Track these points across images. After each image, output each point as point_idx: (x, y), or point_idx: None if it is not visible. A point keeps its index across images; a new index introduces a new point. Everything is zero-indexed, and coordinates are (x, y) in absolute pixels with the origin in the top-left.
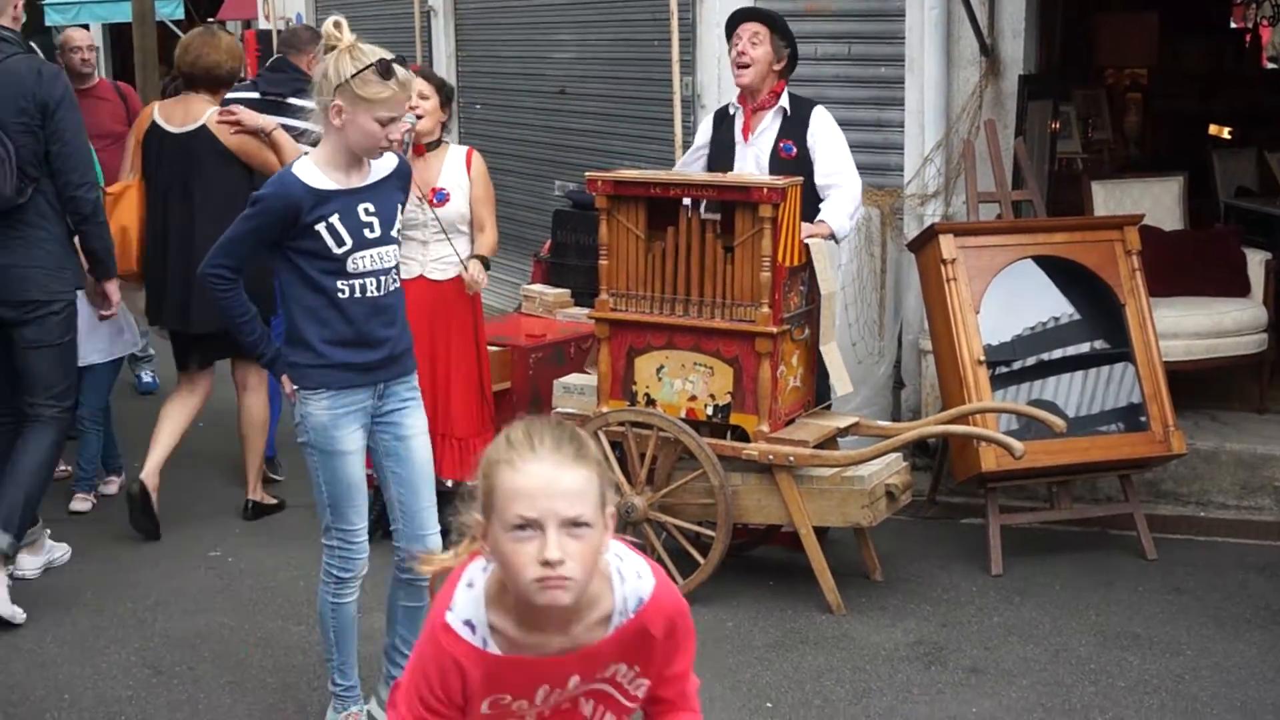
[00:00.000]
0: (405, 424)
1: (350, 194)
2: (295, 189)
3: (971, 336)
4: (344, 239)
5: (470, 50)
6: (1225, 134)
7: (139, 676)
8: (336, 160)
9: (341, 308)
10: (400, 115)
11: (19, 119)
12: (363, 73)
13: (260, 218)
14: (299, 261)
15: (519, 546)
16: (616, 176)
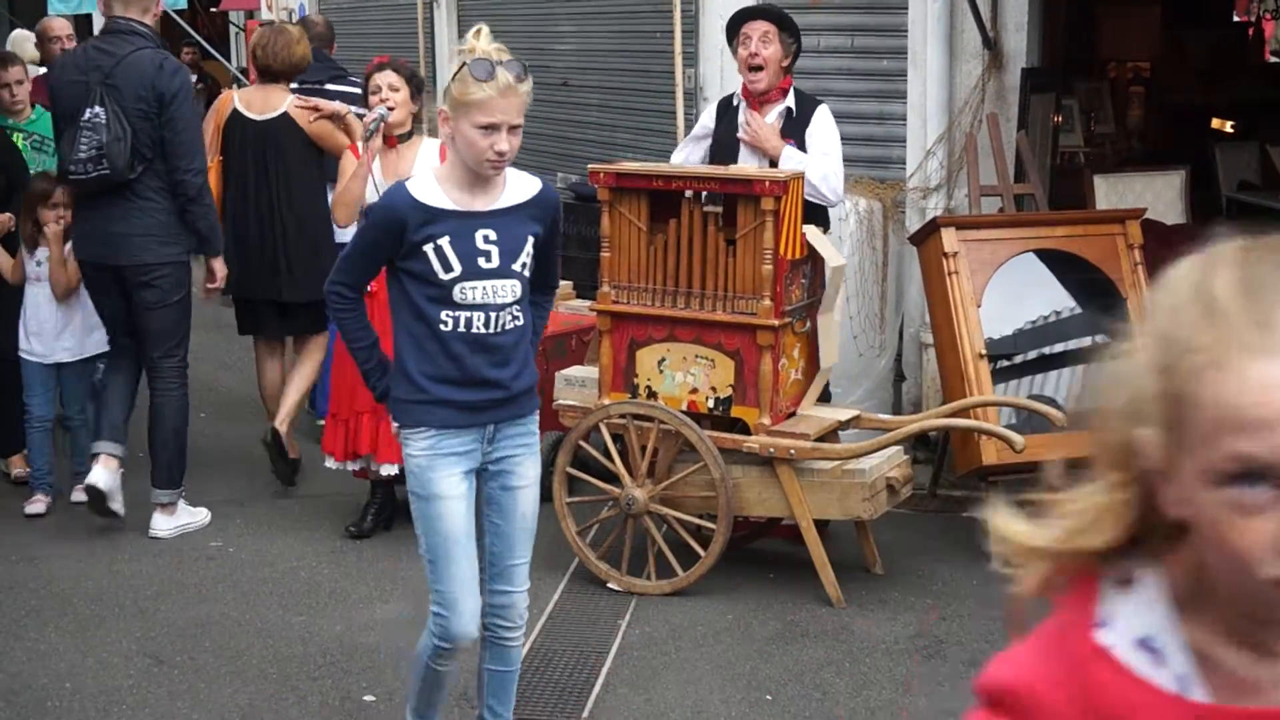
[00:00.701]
0: (515, 473)
1: (468, 216)
2: (401, 203)
3: (973, 330)
4: (452, 264)
5: None
6: (1228, 127)
7: (140, 666)
8: (456, 176)
9: (443, 341)
10: (508, 124)
11: (138, 105)
12: (460, 72)
13: (369, 232)
14: (406, 284)
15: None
16: (619, 169)
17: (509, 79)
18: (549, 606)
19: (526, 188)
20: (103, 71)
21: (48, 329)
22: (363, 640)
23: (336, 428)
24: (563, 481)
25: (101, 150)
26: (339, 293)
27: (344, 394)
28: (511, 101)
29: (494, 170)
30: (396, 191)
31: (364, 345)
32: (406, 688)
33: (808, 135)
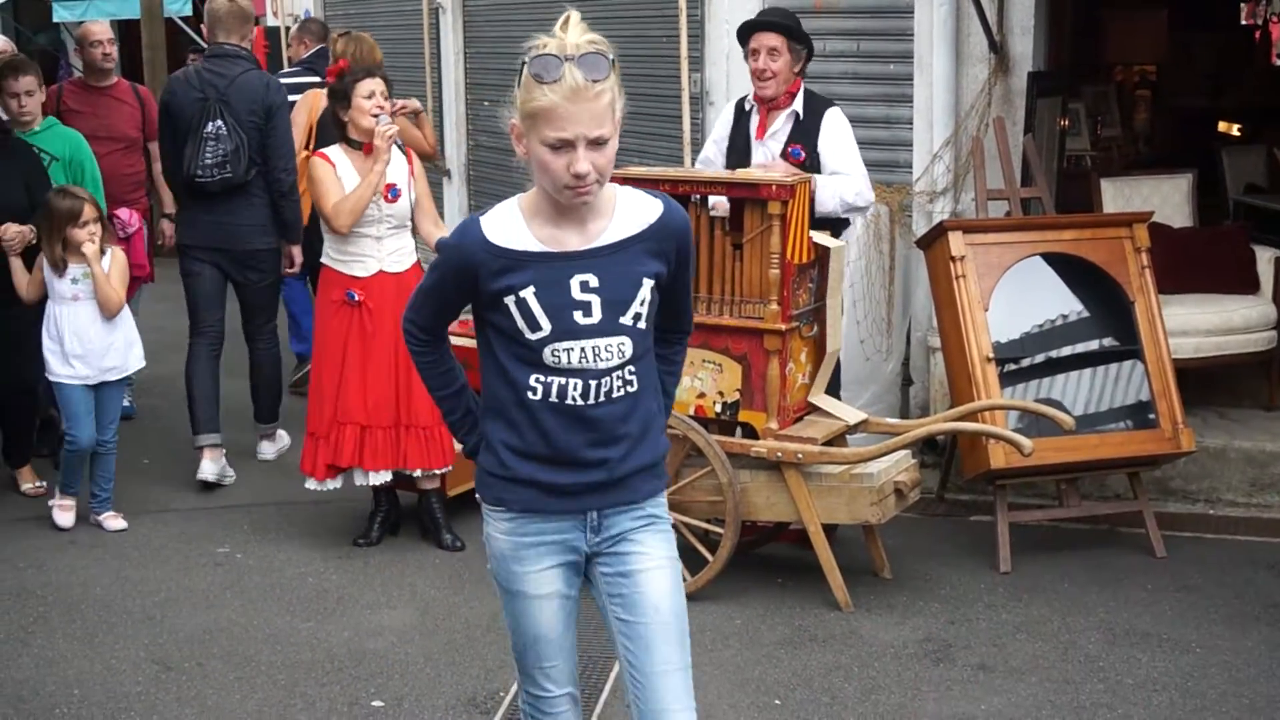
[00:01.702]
0: (634, 554)
1: (558, 260)
2: (472, 243)
3: (980, 334)
4: (539, 322)
5: (479, 47)
6: (1235, 131)
7: (148, 672)
8: (544, 208)
9: (531, 411)
10: (585, 137)
11: (250, 118)
12: (523, 76)
13: (437, 271)
14: (492, 337)
15: None
16: (625, 173)
17: (579, 79)
18: None
19: (641, 213)
20: (218, 90)
21: (94, 349)
22: (370, 646)
23: (316, 447)
24: None
25: (226, 158)
26: (410, 331)
27: (318, 408)
28: (587, 108)
29: (578, 198)
30: (468, 228)
31: (445, 394)
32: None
33: (820, 144)
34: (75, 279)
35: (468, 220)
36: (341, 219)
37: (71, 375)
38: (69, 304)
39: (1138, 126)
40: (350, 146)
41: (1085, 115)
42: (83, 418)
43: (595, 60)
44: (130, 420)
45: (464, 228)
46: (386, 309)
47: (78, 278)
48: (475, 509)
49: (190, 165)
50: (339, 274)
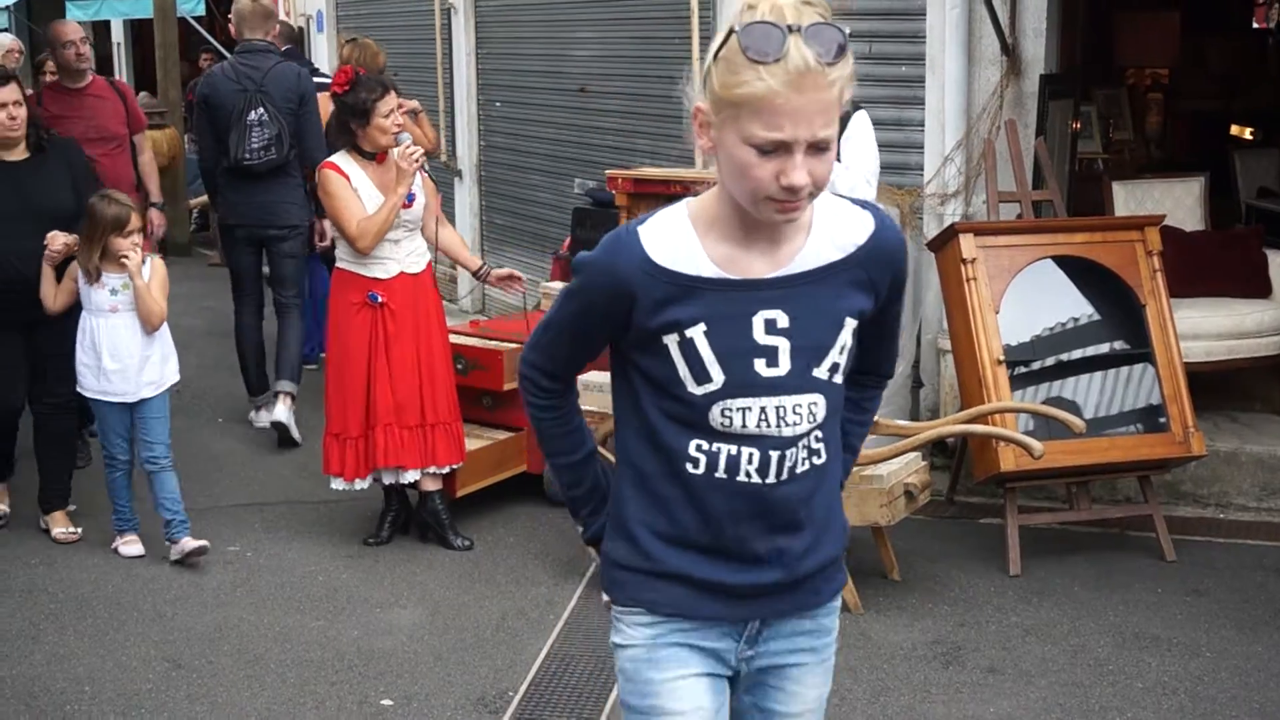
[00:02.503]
0: (786, 690)
1: (740, 290)
2: (629, 262)
3: (991, 336)
4: (709, 371)
5: (490, 48)
6: (1247, 134)
7: (159, 670)
8: (724, 220)
9: (691, 488)
10: (807, 140)
11: (287, 104)
12: (725, 46)
13: (576, 298)
14: (639, 387)
15: None
16: (637, 174)
17: (808, 60)
18: (566, 612)
19: (846, 230)
20: (255, 81)
21: (132, 364)
22: (380, 645)
23: (341, 448)
24: None
25: (270, 142)
26: (530, 376)
27: (345, 410)
28: (815, 100)
29: (783, 215)
30: (622, 242)
31: (570, 461)
32: None
33: (843, 141)
34: (114, 290)
35: (621, 232)
36: (367, 240)
37: (108, 392)
38: (106, 316)
39: (1150, 130)
40: (361, 156)
41: (1097, 118)
42: (119, 433)
43: (828, 34)
44: None
45: (617, 242)
46: (407, 309)
47: (116, 289)
48: (480, 508)
49: (237, 150)
50: (359, 276)
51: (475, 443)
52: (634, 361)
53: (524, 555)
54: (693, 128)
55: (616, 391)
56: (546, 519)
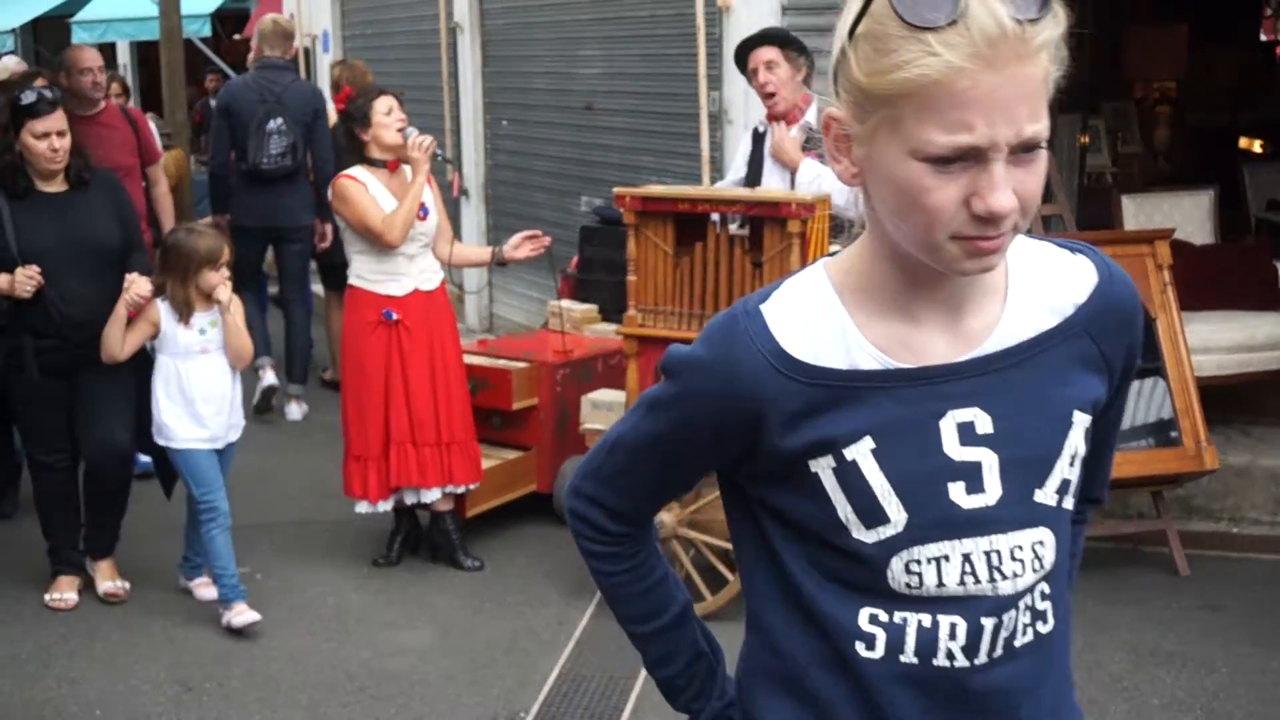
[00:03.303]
0: None
1: (918, 384)
2: (750, 359)
3: None
4: (882, 507)
5: (497, 67)
6: (1256, 147)
7: (169, 693)
8: (882, 282)
9: (864, 682)
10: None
11: (303, 118)
12: (866, 18)
13: (668, 415)
14: (774, 536)
15: None
16: (644, 192)
17: (1000, 17)
18: (577, 632)
19: (1062, 287)
20: (275, 95)
21: (225, 406)
22: (391, 666)
23: (363, 470)
24: None
25: (286, 150)
26: (585, 515)
27: (365, 431)
28: (1014, 76)
29: (979, 262)
30: (740, 329)
31: (655, 627)
32: None
33: None
34: (203, 329)
35: (738, 314)
36: (395, 232)
37: (203, 439)
38: (195, 358)
39: (1158, 143)
40: (372, 166)
41: (1105, 132)
42: (216, 483)
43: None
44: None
45: (732, 328)
46: (421, 327)
47: (205, 328)
48: (490, 528)
49: (255, 156)
50: (373, 294)
51: (484, 462)
52: (763, 500)
53: (534, 575)
54: (826, 143)
55: (737, 536)
56: (556, 538)
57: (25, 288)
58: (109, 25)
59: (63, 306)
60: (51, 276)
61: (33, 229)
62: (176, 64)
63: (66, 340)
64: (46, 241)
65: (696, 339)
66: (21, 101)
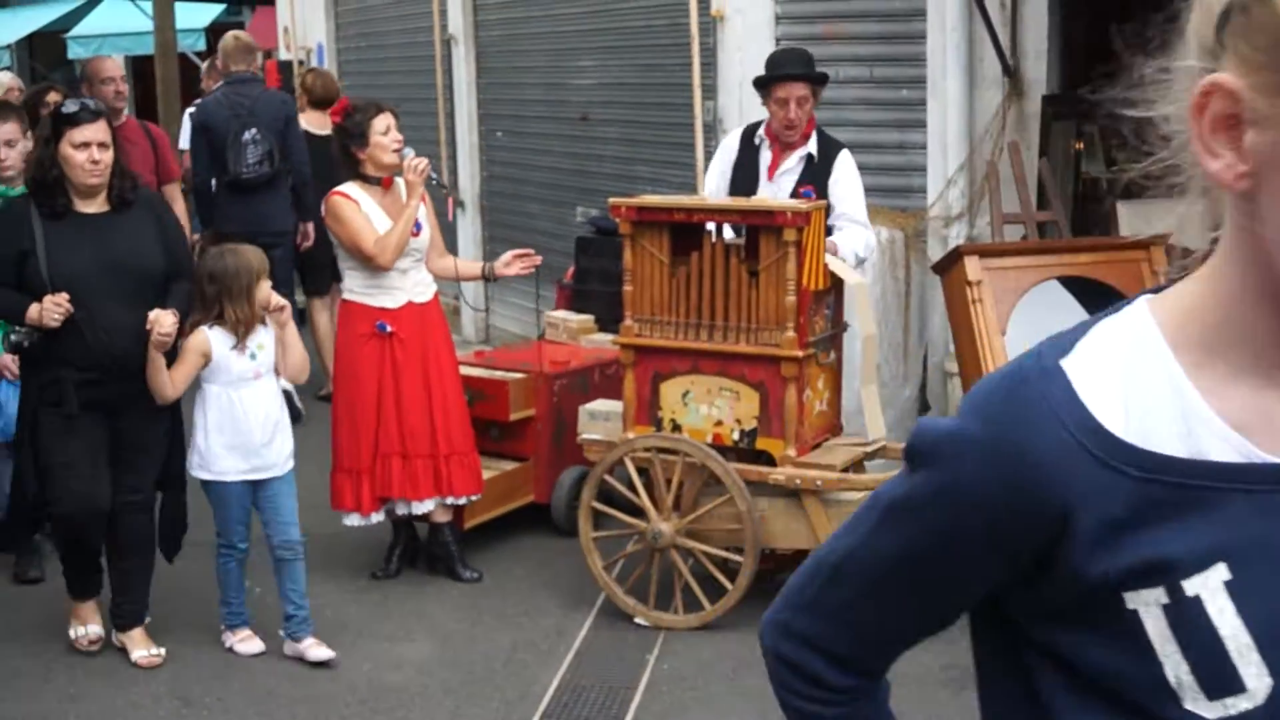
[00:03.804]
0: None
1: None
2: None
3: (998, 358)
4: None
5: (491, 78)
6: None
7: (169, 707)
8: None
9: None
10: None
11: (275, 125)
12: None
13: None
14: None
15: None
16: (640, 202)
17: None
18: (576, 642)
19: None
20: (246, 107)
21: (278, 432)
22: (390, 679)
23: (355, 483)
24: (588, 516)
25: (263, 158)
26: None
27: (357, 443)
28: None
29: None
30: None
31: None
32: None
33: (831, 184)
34: (253, 354)
35: (1028, 370)
36: (388, 255)
37: (244, 470)
38: (249, 385)
39: None
40: (366, 183)
41: (1100, 138)
42: (244, 522)
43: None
44: None
45: (1017, 390)
46: (415, 339)
47: (255, 352)
48: (488, 539)
49: (235, 166)
50: (366, 307)
51: (483, 473)
52: (1045, 644)
53: (533, 586)
54: (1192, 134)
55: (990, 695)
56: (555, 549)
57: (53, 316)
58: (104, 40)
59: (102, 336)
60: (89, 304)
61: (68, 252)
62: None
63: (108, 373)
64: (82, 265)
65: (962, 406)
66: (64, 110)
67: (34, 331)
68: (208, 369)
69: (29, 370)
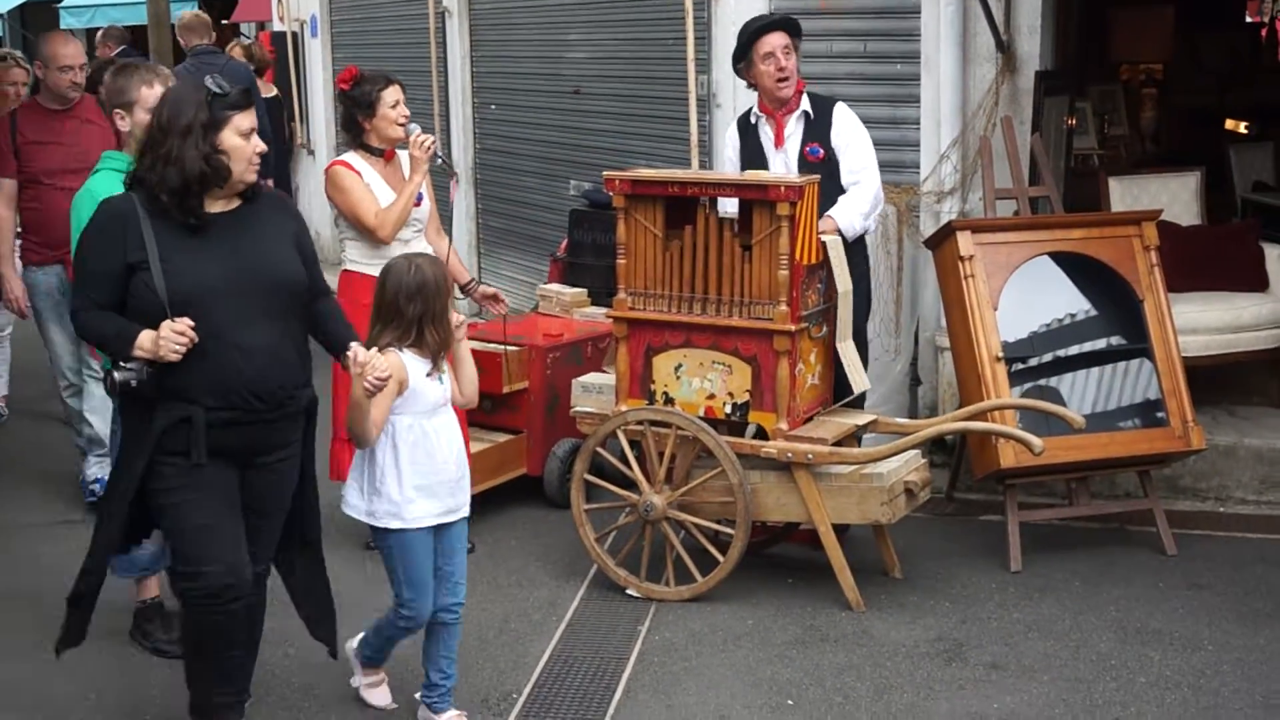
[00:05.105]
0: None
1: None
2: None
3: (989, 333)
4: None
5: (485, 51)
6: (1242, 128)
7: (161, 675)
8: None
9: None
10: None
11: None
12: None
13: None
14: None
15: None
16: (634, 176)
17: None
18: (568, 614)
19: None
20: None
21: (462, 469)
22: None
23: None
24: (580, 488)
25: None
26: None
27: None
28: None
29: None
30: None
31: None
32: None
33: (834, 138)
34: (441, 378)
35: None
36: (388, 229)
37: (435, 513)
38: (440, 413)
39: (1145, 125)
40: (369, 153)
41: (1092, 114)
42: (430, 577)
43: None
44: None
45: None
46: None
47: (442, 376)
48: (482, 511)
49: None
50: (367, 277)
51: (475, 445)
52: None
53: (525, 557)
54: None
55: None
56: (547, 521)
57: (173, 348)
58: (97, 10)
59: (243, 364)
60: (221, 324)
61: (191, 262)
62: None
63: (249, 409)
64: (211, 278)
65: None
66: (219, 90)
67: (144, 366)
68: (405, 400)
69: (137, 411)
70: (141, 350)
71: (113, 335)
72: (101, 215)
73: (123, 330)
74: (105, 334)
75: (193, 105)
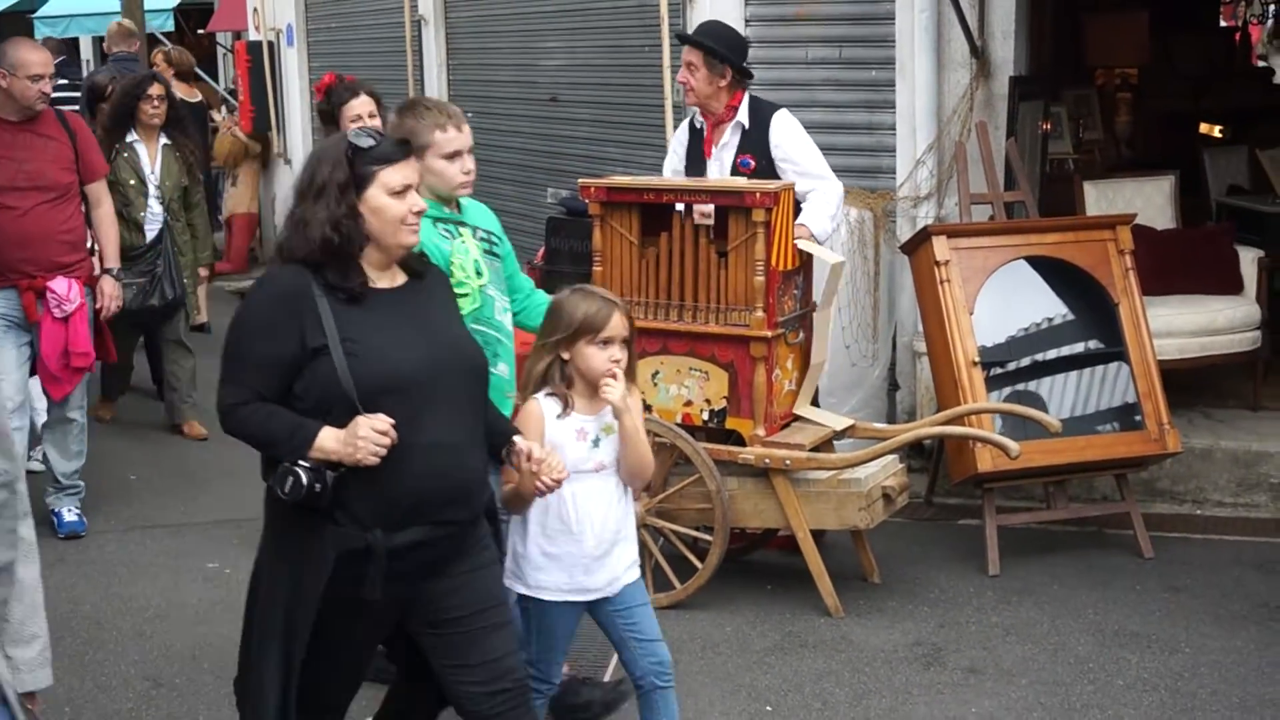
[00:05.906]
0: None
1: None
2: None
3: (966, 338)
4: None
5: (461, 59)
6: (1216, 132)
7: (139, 689)
8: None
9: None
10: None
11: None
12: None
13: None
14: None
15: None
16: (609, 183)
17: None
18: None
19: None
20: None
21: (616, 541)
22: None
23: None
24: None
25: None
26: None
27: None
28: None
29: None
30: None
31: None
32: None
33: (773, 149)
34: (597, 439)
35: None
36: None
37: (586, 589)
38: (587, 479)
39: (1119, 129)
40: None
41: (1067, 118)
42: (564, 653)
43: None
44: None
45: None
46: None
47: (599, 436)
48: None
49: None
50: None
51: None
52: None
53: None
54: None
55: None
56: None
57: (372, 449)
58: (72, 20)
59: (429, 470)
60: (413, 423)
61: (377, 348)
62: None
63: (438, 525)
64: (405, 366)
65: None
66: (362, 144)
67: (329, 471)
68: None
69: (299, 530)
70: (321, 452)
71: (284, 435)
72: (267, 290)
73: (298, 429)
74: (274, 433)
75: (329, 162)
